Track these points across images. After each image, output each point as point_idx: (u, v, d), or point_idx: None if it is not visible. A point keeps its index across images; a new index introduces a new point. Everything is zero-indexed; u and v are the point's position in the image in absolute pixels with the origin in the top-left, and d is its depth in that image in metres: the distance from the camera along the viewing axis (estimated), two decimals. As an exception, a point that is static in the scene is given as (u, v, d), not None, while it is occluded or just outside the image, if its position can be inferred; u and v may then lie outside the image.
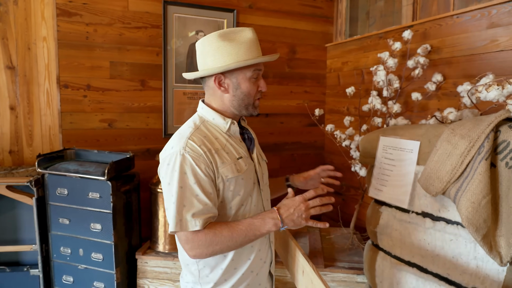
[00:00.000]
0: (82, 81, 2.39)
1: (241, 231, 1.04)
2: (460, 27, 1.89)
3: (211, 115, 1.21)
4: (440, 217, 1.26)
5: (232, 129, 1.22)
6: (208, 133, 1.16)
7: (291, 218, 1.06)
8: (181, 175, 1.05)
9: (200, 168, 1.07)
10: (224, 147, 1.16)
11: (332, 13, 3.07)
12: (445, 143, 1.19)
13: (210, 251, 1.04)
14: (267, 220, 1.06)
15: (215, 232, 1.04)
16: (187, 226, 1.03)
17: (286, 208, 1.07)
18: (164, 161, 1.11)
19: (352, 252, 2.16)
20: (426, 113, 2.08)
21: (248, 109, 1.22)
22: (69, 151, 2.26)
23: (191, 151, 1.07)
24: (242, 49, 1.14)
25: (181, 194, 1.04)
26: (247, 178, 1.18)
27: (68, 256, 2.11)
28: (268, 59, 1.19)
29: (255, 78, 1.19)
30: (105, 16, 2.40)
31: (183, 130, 1.17)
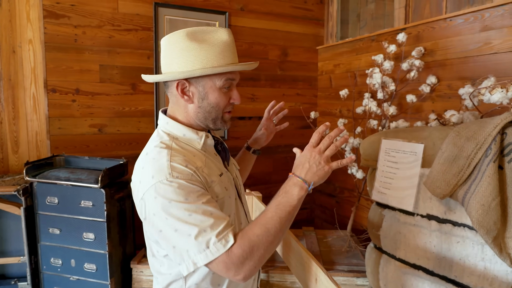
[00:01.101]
0: (70, 85, 2.32)
1: (273, 219, 0.88)
2: (453, 30, 1.91)
3: (180, 130, 1.02)
4: (446, 220, 1.26)
5: (208, 144, 1.06)
6: (184, 152, 0.98)
7: (311, 172, 0.91)
8: (182, 203, 0.87)
9: (199, 186, 0.91)
10: (205, 164, 1.00)
11: (323, 16, 3.08)
12: (451, 145, 1.19)
13: (257, 260, 0.86)
14: (290, 190, 0.91)
15: (248, 237, 0.86)
16: (218, 250, 0.84)
17: (301, 166, 0.92)
18: (148, 196, 0.90)
19: (350, 255, 2.16)
20: (421, 115, 2.10)
21: (216, 123, 1.04)
22: (59, 158, 2.18)
23: (180, 174, 0.89)
24: (212, 53, 0.97)
25: (194, 220, 0.85)
26: (232, 195, 1.05)
27: (59, 268, 2.03)
28: (242, 67, 1.01)
29: (227, 88, 1.01)
30: (94, 18, 2.34)
31: (155, 153, 0.95)
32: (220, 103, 1.01)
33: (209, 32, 1.00)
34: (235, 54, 1.02)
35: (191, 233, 0.85)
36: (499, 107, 1.21)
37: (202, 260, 0.85)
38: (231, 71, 1.00)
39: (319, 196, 3.14)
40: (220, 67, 0.97)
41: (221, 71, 0.97)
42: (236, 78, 1.03)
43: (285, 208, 0.89)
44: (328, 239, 2.39)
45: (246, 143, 1.43)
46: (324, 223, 3.10)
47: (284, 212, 0.89)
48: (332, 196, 2.96)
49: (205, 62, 0.97)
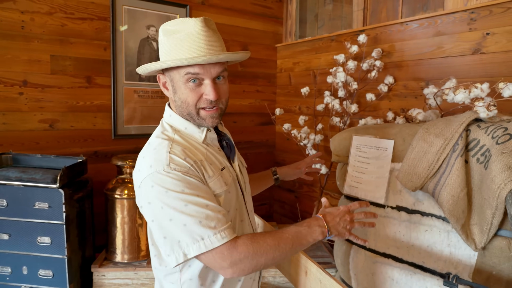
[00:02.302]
0: (17, 76, 2.11)
1: (287, 240, 0.91)
2: (409, 34, 2.06)
3: (182, 124, 1.03)
4: (415, 210, 1.36)
5: (209, 138, 1.05)
6: (186, 144, 0.98)
7: (336, 227, 0.99)
8: (179, 193, 0.87)
9: (195, 179, 0.91)
10: (206, 158, 0.99)
11: (282, 14, 3.13)
12: (421, 141, 1.28)
13: (254, 264, 0.88)
14: (314, 228, 0.96)
15: (258, 241, 0.88)
16: (213, 242, 0.85)
17: (332, 217, 1.00)
18: (145, 184, 0.91)
19: (314, 248, 2.24)
20: (378, 113, 2.23)
21: (194, 119, 1.01)
22: (5, 156, 1.98)
23: (177, 166, 0.90)
24: (173, 46, 0.95)
25: (189, 211, 0.86)
26: (233, 190, 1.04)
27: (8, 276, 1.85)
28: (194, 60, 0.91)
29: (193, 83, 0.96)
30: (43, 4, 2.15)
31: (156, 144, 0.97)
32: (188, 98, 0.97)
33: (178, 23, 0.97)
34: (199, 46, 0.93)
35: (186, 222, 0.85)
36: (461, 106, 1.33)
37: (194, 251, 0.85)
38: (192, 66, 0.93)
39: (278, 191, 3.20)
40: (168, 61, 0.94)
41: (169, 65, 0.95)
42: (203, 72, 0.95)
43: (300, 239, 0.94)
44: (292, 233, 2.44)
45: (275, 168, 1.47)
46: (283, 218, 3.17)
47: (298, 242, 0.94)
48: (291, 191, 3.03)
49: (166, 56, 0.97)
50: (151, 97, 2.53)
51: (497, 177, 1.06)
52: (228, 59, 0.99)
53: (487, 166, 1.13)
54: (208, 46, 0.94)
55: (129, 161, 2.02)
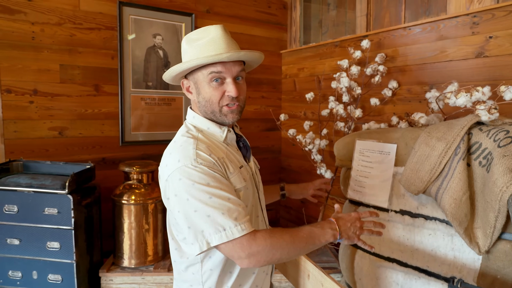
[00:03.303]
0: (27, 85, 2.17)
1: (302, 238, 0.98)
2: (412, 38, 2.07)
3: (205, 124, 1.11)
4: (418, 214, 1.37)
5: (229, 138, 1.13)
6: (209, 142, 1.07)
7: (347, 232, 1.05)
8: (204, 186, 0.95)
9: (219, 174, 0.99)
10: (227, 156, 1.08)
11: (286, 21, 3.16)
12: (423, 145, 1.29)
13: (270, 257, 0.94)
14: (326, 230, 1.02)
15: (276, 236, 0.95)
16: (234, 233, 0.92)
17: (344, 222, 1.06)
18: (173, 177, 0.98)
19: (319, 253, 2.24)
20: (383, 117, 2.24)
21: (216, 117, 1.09)
22: (16, 163, 2.03)
23: (203, 161, 0.98)
24: (197, 50, 1.04)
25: (213, 203, 0.93)
26: (250, 187, 1.12)
27: (18, 281, 1.89)
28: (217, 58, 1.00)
29: (216, 81, 1.05)
30: (53, 15, 2.21)
31: (182, 141, 1.05)
32: (212, 97, 1.06)
33: (200, 32, 1.08)
34: (220, 47, 1.03)
35: (210, 214, 0.92)
36: (463, 110, 1.33)
37: (216, 240, 0.92)
38: (214, 64, 1.02)
39: (285, 196, 3.21)
40: (192, 61, 1.02)
41: (193, 64, 1.02)
42: (223, 71, 1.03)
43: (313, 239, 1.00)
44: (298, 238, 2.45)
45: (283, 183, 1.53)
46: (289, 223, 3.17)
47: (311, 240, 0.99)
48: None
49: (190, 59, 1.05)
50: (158, 104, 2.57)
51: (499, 180, 1.06)
52: (247, 56, 1.08)
53: (489, 169, 1.13)
54: (229, 47, 1.05)
55: (136, 167, 2.06)
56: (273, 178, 3.23)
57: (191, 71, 1.08)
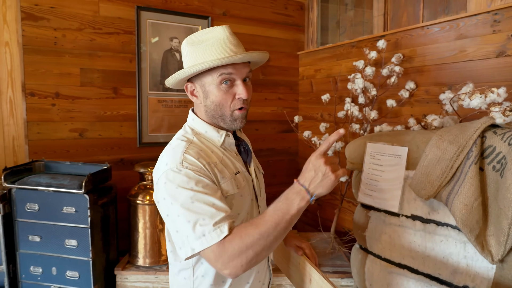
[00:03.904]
0: (50, 88, 2.26)
1: (268, 222, 0.85)
2: (430, 38, 2.00)
3: (203, 127, 1.08)
4: (430, 220, 1.32)
5: (227, 142, 1.09)
6: (203, 146, 1.03)
7: (316, 182, 0.86)
8: (188, 190, 0.91)
9: (205, 178, 0.94)
10: (221, 161, 1.03)
11: (303, 22, 3.14)
12: (434, 148, 1.25)
13: (245, 259, 0.85)
14: (291, 197, 0.87)
15: (240, 235, 0.86)
16: (213, 238, 0.86)
17: (307, 174, 0.88)
18: (159, 181, 0.96)
19: (334, 256, 2.21)
20: (400, 119, 2.18)
21: (225, 121, 1.05)
22: (38, 163, 2.12)
23: (189, 165, 0.94)
24: (204, 51, 1.00)
25: (196, 208, 0.89)
26: (246, 195, 1.06)
27: (39, 276, 1.97)
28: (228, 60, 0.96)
29: (226, 84, 1.00)
30: (74, 21, 2.29)
31: (175, 144, 1.03)
32: (222, 100, 1.02)
33: (205, 33, 1.03)
34: (230, 49, 0.99)
35: (190, 219, 0.88)
36: (478, 112, 1.28)
37: (198, 246, 0.87)
38: (224, 66, 0.98)
39: (301, 199, 3.18)
40: (204, 63, 0.97)
41: (205, 66, 0.97)
42: (235, 73, 1.00)
43: (283, 215, 0.86)
44: (312, 241, 2.43)
45: None
46: (306, 226, 3.14)
47: (281, 219, 0.86)
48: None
49: (197, 61, 1.00)
50: (174, 106, 2.62)
51: (513, 185, 1.01)
52: (260, 57, 1.06)
53: (503, 174, 1.08)
54: (238, 48, 1.01)
55: (151, 168, 2.10)
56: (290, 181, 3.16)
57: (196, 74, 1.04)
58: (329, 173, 0.86)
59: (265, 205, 1.22)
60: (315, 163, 0.87)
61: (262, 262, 1.13)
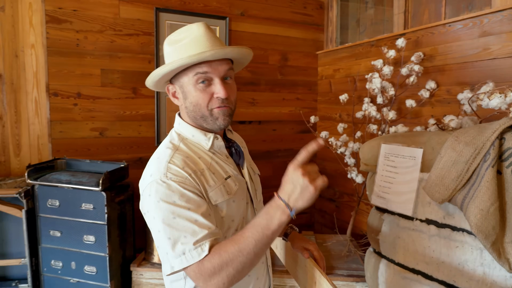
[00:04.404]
0: (72, 89, 2.33)
1: (248, 239, 0.82)
2: (453, 36, 1.93)
3: (189, 131, 1.03)
4: (445, 224, 1.27)
5: (216, 145, 1.04)
6: (190, 153, 0.99)
7: (295, 195, 0.81)
8: (169, 204, 0.87)
9: (190, 191, 0.90)
10: (209, 167, 0.99)
11: (322, 21, 3.10)
12: (450, 150, 1.20)
13: (226, 277, 0.82)
14: (271, 212, 0.82)
15: (219, 253, 0.83)
16: (193, 257, 0.83)
17: (286, 188, 0.82)
18: (144, 192, 0.93)
19: (349, 259, 2.16)
20: (420, 120, 2.11)
21: (207, 121, 1.00)
22: (60, 161, 2.19)
23: (174, 176, 0.90)
24: (180, 51, 0.95)
25: (176, 225, 0.85)
26: (239, 199, 1.02)
27: (59, 270, 2.04)
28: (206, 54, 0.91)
29: (203, 83, 0.96)
30: (96, 23, 2.36)
31: (160, 152, 0.99)
32: (199, 100, 0.97)
33: (182, 32, 1.00)
34: (204, 46, 0.95)
35: (171, 236, 0.85)
36: (498, 112, 1.22)
37: (178, 265, 0.84)
38: (199, 65, 0.94)
39: (319, 200, 3.15)
40: (173, 62, 0.93)
41: (175, 65, 0.93)
42: (211, 71, 0.96)
43: (263, 231, 0.82)
44: (328, 244, 2.39)
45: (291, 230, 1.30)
46: (324, 227, 3.10)
47: (261, 235, 0.82)
48: (332, 200, 2.96)
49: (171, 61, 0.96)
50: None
51: (532, 190, 0.96)
52: (234, 53, 1.00)
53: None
54: (213, 45, 0.97)
55: (167, 167, 2.13)
56: (308, 181, 3.17)
57: (175, 74, 1.00)
58: (307, 185, 0.80)
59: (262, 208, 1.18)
60: (293, 175, 0.81)
61: (261, 268, 1.10)
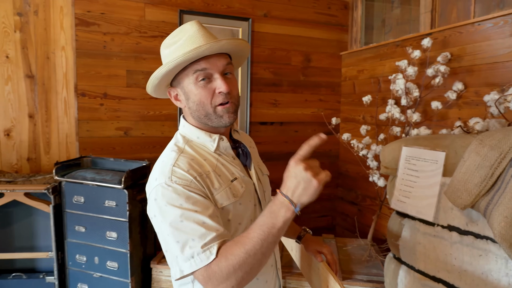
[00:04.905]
0: (99, 89, 2.41)
1: (254, 239, 0.80)
2: (482, 35, 1.85)
3: (194, 133, 1.02)
4: (468, 231, 1.22)
5: (222, 147, 1.03)
6: (195, 155, 0.97)
7: (298, 190, 0.78)
8: (176, 208, 0.86)
9: (196, 193, 0.89)
10: (215, 169, 0.97)
11: (347, 21, 3.05)
12: (474, 154, 1.15)
13: (235, 281, 0.81)
14: (275, 209, 0.80)
15: (226, 255, 0.81)
16: (202, 261, 0.82)
17: (289, 184, 0.80)
18: (150, 197, 0.92)
19: (370, 265, 2.11)
20: (446, 122, 2.04)
21: (212, 119, 0.98)
22: (86, 159, 2.27)
23: (178, 179, 0.89)
24: (175, 52, 0.95)
25: (185, 228, 0.84)
26: (246, 201, 1.00)
27: (83, 264, 2.11)
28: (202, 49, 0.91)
29: (203, 81, 0.95)
30: (122, 25, 2.43)
31: (165, 156, 0.98)
32: (203, 98, 0.96)
33: (176, 34, 0.99)
34: (199, 41, 0.94)
35: (179, 240, 0.84)
36: (526, 115, 1.16)
37: (187, 268, 0.84)
38: (197, 62, 0.94)
39: (341, 203, 3.10)
40: (170, 62, 0.92)
41: (172, 65, 0.92)
42: (210, 67, 0.95)
43: (269, 230, 0.80)
44: (348, 248, 2.35)
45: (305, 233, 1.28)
46: (345, 231, 3.05)
47: (267, 234, 0.80)
48: (354, 203, 2.91)
49: None
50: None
51: (561, 198, 0.90)
52: (230, 45, 0.98)
53: (552, 185, 0.97)
54: (208, 40, 0.95)
55: (187, 166, 2.16)
56: (330, 184, 3.13)
57: (175, 77, 0.99)
58: (311, 179, 0.77)
59: None
60: (295, 169, 0.79)
61: (269, 270, 1.08)
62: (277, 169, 1.48)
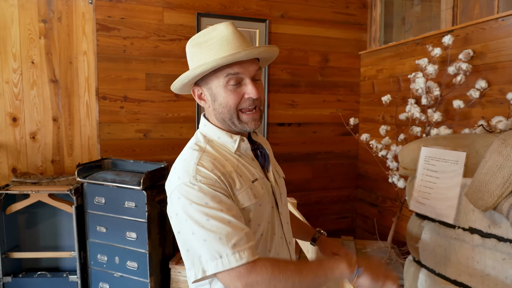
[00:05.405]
0: (119, 92, 2.47)
1: (310, 269, 0.86)
2: (507, 30, 1.79)
3: (215, 133, 1.01)
4: (490, 234, 1.18)
5: (242, 148, 1.02)
6: (217, 155, 0.97)
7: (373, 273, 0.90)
8: (202, 207, 0.86)
9: (220, 193, 0.89)
10: (236, 169, 0.97)
11: (365, 20, 3.01)
12: (496, 154, 1.11)
13: None
14: (340, 262, 0.89)
15: (279, 265, 0.84)
16: (231, 261, 0.82)
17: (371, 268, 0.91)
18: (173, 195, 0.91)
19: (390, 267, 2.07)
20: (469, 122, 1.98)
21: (236, 124, 0.98)
22: (107, 161, 2.33)
23: (203, 179, 0.89)
24: (208, 52, 0.93)
25: (211, 226, 0.84)
26: (265, 203, 0.99)
27: (104, 264, 2.16)
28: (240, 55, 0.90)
29: (234, 85, 0.94)
30: (141, 30, 2.48)
31: (187, 155, 0.97)
32: (230, 101, 0.95)
33: (208, 32, 0.97)
34: (234, 46, 0.93)
35: (206, 238, 0.84)
36: (552, 113, 1.11)
37: (212, 268, 0.83)
38: (230, 65, 0.93)
39: (361, 205, 3.05)
40: (206, 64, 0.91)
41: (208, 67, 0.91)
42: (242, 71, 0.94)
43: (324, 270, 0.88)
44: (368, 250, 2.31)
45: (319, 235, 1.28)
46: (365, 233, 3.00)
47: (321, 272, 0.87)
48: (374, 205, 2.86)
49: (200, 63, 0.94)
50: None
51: None
52: (267, 53, 0.98)
53: None
54: (243, 45, 0.95)
55: (205, 168, 2.18)
56: (350, 185, 3.10)
57: (202, 76, 0.98)
58: None
59: (287, 212, 1.15)
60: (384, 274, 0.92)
61: None
62: (295, 170, 1.47)
